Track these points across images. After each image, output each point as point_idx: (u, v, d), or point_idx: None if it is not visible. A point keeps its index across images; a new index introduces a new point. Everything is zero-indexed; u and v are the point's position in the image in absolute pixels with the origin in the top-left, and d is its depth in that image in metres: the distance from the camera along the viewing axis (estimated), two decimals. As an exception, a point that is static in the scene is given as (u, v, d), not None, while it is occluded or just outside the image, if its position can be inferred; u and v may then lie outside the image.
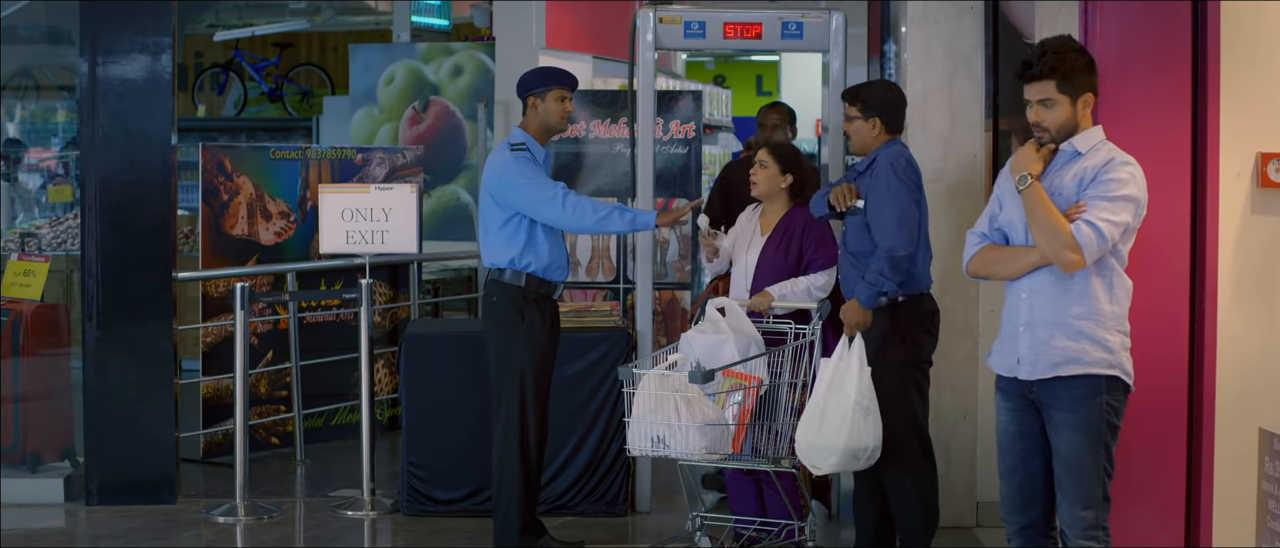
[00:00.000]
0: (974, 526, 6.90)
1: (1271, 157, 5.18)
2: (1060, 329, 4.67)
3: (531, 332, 6.29)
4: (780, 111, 7.72)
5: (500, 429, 6.31)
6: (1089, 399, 4.65)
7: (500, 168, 6.29)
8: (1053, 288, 4.68)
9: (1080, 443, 4.65)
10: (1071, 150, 4.71)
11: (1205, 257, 5.22)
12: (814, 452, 5.62)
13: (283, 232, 8.78)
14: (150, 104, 7.40)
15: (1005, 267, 4.79)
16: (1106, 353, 4.66)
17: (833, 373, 5.61)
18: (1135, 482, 5.18)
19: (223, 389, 8.42)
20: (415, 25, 13.24)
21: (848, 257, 6.00)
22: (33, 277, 7.64)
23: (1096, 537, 4.67)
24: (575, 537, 6.69)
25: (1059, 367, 4.67)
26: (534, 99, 6.35)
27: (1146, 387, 4.93)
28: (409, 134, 11.56)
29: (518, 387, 6.27)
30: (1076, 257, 4.59)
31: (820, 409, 5.59)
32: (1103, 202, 4.59)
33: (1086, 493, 4.66)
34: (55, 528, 7.16)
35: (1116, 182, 4.61)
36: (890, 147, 5.96)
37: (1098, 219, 4.57)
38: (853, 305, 5.79)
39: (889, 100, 6.01)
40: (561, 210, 6.22)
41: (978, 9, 6.90)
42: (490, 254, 6.35)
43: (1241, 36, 5.18)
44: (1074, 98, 4.66)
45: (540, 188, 6.23)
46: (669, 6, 7.22)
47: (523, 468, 6.29)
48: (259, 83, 16.00)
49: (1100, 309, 4.66)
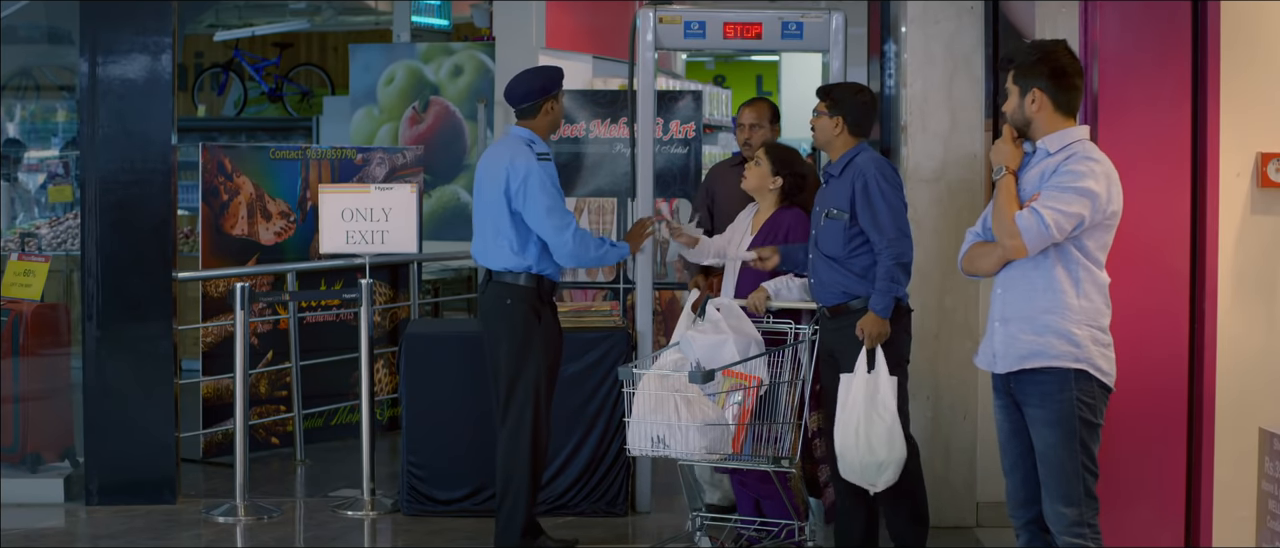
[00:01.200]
0: (974, 526, 6.90)
1: (1271, 156, 5.18)
2: (1026, 323, 4.71)
3: (547, 334, 6.28)
4: (756, 109, 7.15)
5: (510, 431, 6.27)
6: (1057, 394, 4.66)
7: (526, 174, 6.17)
8: (1020, 282, 4.74)
9: (1053, 438, 4.67)
10: (1043, 149, 4.76)
11: (1205, 257, 5.22)
12: (867, 470, 5.64)
13: (283, 232, 8.78)
14: (150, 104, 7.40)
15: (982, 262, 4.86)
16: (1072, 347, 4.66)
17: (864, 388, 5.63)
18: (1135, 482, 5.19)
19: (223, 389, 8.42)
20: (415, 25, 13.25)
21: (822, 258, 5.99)
22: (33, 277, 7.64)
23: (1082, 534, 4.67)
24: (575, 537, 6.69)
25: (1025, 359, 4.71)
26: (550, 103, 6.32)
27: (1146, 387, 4.93)
28: (409, 134, 11.57)
29: (533, 389, 6.24)
30: (1015, 241, 4.65)
31: (863, 427, 5.60)
32: (1054, 191, 4.64)
33: (1066, 490, 4.67)
34: (55, 528, 7.16)
35: (1073, 174, 4.64)
36: (865, 152, 5.96)
37: (1042, 207, 4.62)
38: (871, 318, 5.78)
39: (857, 102, 6.00)
40: (569, 241, 6.17)
41: (978, 9, 6.90)
42: (502, 257, 6.26)
43: (1241, 36, 5.19)
44: (1022, 91, 4.75)
45: (556, 211, 6.18)
46: (669, 6, 7.21)
47: (532, 470, 6.28)
48: (259, 83, 16.00)
49: (1066, 303, 4.68)
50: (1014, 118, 4.79)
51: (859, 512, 6.00)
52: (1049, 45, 4.81)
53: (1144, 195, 5.08)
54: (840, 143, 5.99)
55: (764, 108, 7.10)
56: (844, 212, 5.87)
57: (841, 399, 5.69)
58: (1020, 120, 4.78)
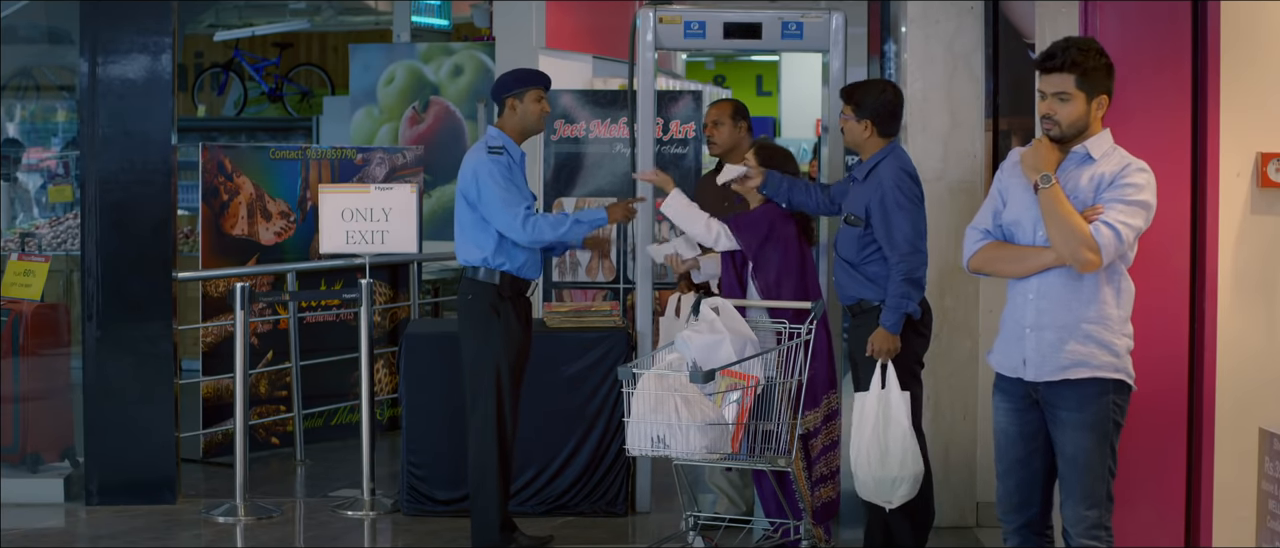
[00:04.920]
0: (974, 526, 6.90)
1: (1271, 156, 5.18)
2: (1071, 333, 4.66)
3: (508, 329, 6.34)
4: (718, 107, 7.15)
5: (477, 428, 6.35)
6: (1096, 399, 4.66)
7: (475, 169, 6.32)
8: (1062, 290, 4.67)
9: (1088, 442, 4.66)
10: (1083, 153, 4.69)
11: (1205, 257, 5.22)
12: (882, 486, 5.65)
13: (283, 232, 8.78)
14: (150, 104, 7.40)
15: (1014, 265, 4.77)
16: (1113, 357, 4.67)
17: (878, 405, 5.63)
18: (1135, 482, 5.18)
19: (223, 389, 8.42)
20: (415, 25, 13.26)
21: (839, 261, 6.05)
22: (33, 277, 7.64)
23: (1099, 537, 4.67)
24: (575, 537, 6.70)
25: (1068, 370, 4.67)
26: (513, 100, 6.39)
27: (1147, 387, 4.92)
28: (409, 134, 11.57)
29: (495, 385, 6.31)
30: (1094, 257, 4.58)
31: (879, 444, 5.61)
32: (1120, 205, 4.59)
33: (1091, 491, 4.66)
34: (55, 528, 7.16)
35: (1134, 186, 4.61)
36: (891, 156, 5.97)
37: (1115, 221, 4.57)
38: (881, 333, 5.80)
39: (883, 103, 6.01)
40: (521, 229, 6.26)
41: (978, 9, 6.90)
42: (464, 252, 6.40)
43: (1241, 36, 5.18)
44: (1089, 96, 4.64)
45: (506, 203, 6.26)
46: (669, 6, 7.21)
47: (501, 466, 6.33)
48: (259, 83, 16.00)
49: (1108, 313, 4.67)
50: (1075, 125, 4.65)
51: (877, 514, 6.04)
52: (1096, 44, 4.71)
53: (1144, 195, 5.06)
54: (871, 144, 6.03)
55: (726, 106, 7.14)
56: (861, 219, 5.90)
57: (856, 418, 5.69)
58: (1082, 127, 4.66)
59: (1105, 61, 4.67)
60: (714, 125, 7.04)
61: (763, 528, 6.39)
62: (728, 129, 7.00)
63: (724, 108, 7.12)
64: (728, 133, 6.98)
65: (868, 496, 5.72)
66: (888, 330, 5.80)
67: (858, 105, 6.01)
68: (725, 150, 6.95)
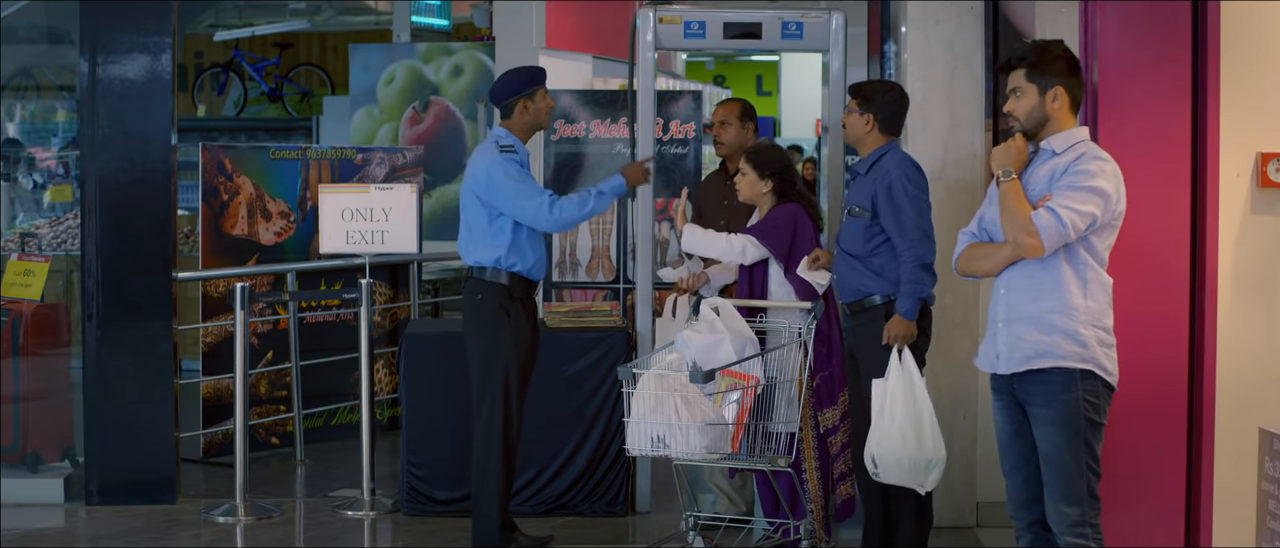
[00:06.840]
0: (974, 526, 6.90)
1: (1271, 156, 5.18)
2: (1033, 323, 4.69)
3: (517, 330, 6.33)
4: (725, 107, 7.13)
5: (482, 428, 6.34)
6: (1063, 394, 4.66)
7: (488, 168, 6.30)
8: (1025, 282, 4.71)
9: (1059, 439, 4.66)
10: (1049, 149, 4.75)
11: (1205, 257, 5.22)
12: (916, 469, 5.57)
13: (283, 232, 8.78)
14: (150, 104, 7.40)
15: (984, 262, 4.83)
16: (1079, 347, 4.66)
17: (903, 388, 5.61)
18: (1135, 482, 5.18)
19: (223, 389, 8.42)
20: (415, 25, 13.27)
21: (842, 255, 6.04)
22: (33, 277, 7.64)
23: (1084, 534, 4.67)
24: (575, 537, 6.69)
25: (1031, 360, 4.69)
26: (524, 102, 6.37)
27: (1146, 387, 4.93)
28: (409, 134, 11.57)
29: (503, 385, 6.30)
30: (1034, 241, 4.61)
31: (914, 425, 5.57)
32: (1068, 191, 4.63)
33: (1069, 490, 4.67)
34: (55, 528, 7.16)
35: (1085, 173, 4.63)
36: (894, 152, 5.98)
37: (1059, 206, 4.60)
38: (898, 320, 5.80)
39: (888, 100, 6.03)
40: (549, 216, 6.27)
41: (978, 9, 6.90)
42: (473, 253, 6.38)
43: (1241, 36, 5.18)
44: (1042, 89, 4.71)
45: (527, 194, 6.26)
46: (669, 6, 7.21)
47: (505, 467, 6.33)
48: (259, 83, 16.01)
49: (1073, 303, 4.67)
50: (1032, 117, 4.74)
51: (877, 515, 6.03)
52: (1058, 43, 4.79)
53: (1144, 195, 5.07)
54: (870, 140, 6.04)
55: (734, 106, 7.12)
56: (866, 210, 5.90)
57: (878, 405, 5.61)
58: (1038, 119, 4.74)
59: (1062, 59, 4.73)
60: (722, 125, 7.03)
61: (763, 528, 6.40)
62: (735, 129, 7.00)
63: (732, 108, 7.10)
64: (735, 133, 6.98)
65: (898, 480, 5.62)
66: (903, 316, 5.80)
67: (865, 99, 6.03)
68: (732, 151, 6.94)
